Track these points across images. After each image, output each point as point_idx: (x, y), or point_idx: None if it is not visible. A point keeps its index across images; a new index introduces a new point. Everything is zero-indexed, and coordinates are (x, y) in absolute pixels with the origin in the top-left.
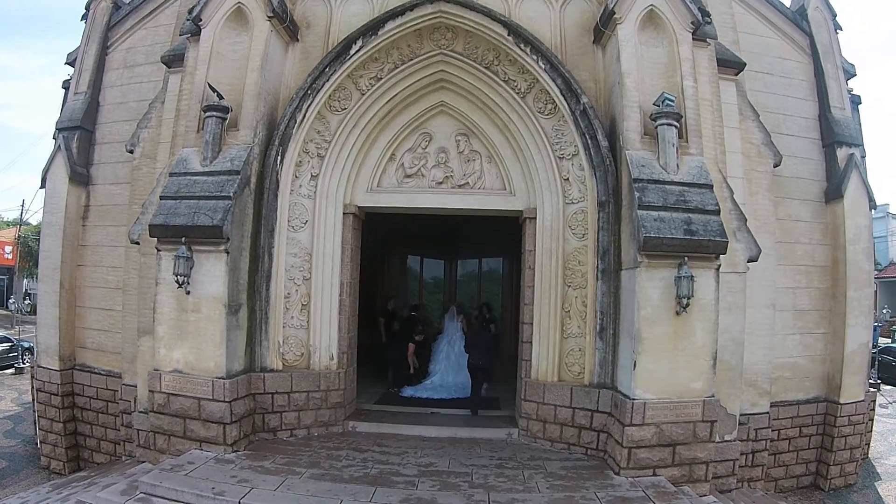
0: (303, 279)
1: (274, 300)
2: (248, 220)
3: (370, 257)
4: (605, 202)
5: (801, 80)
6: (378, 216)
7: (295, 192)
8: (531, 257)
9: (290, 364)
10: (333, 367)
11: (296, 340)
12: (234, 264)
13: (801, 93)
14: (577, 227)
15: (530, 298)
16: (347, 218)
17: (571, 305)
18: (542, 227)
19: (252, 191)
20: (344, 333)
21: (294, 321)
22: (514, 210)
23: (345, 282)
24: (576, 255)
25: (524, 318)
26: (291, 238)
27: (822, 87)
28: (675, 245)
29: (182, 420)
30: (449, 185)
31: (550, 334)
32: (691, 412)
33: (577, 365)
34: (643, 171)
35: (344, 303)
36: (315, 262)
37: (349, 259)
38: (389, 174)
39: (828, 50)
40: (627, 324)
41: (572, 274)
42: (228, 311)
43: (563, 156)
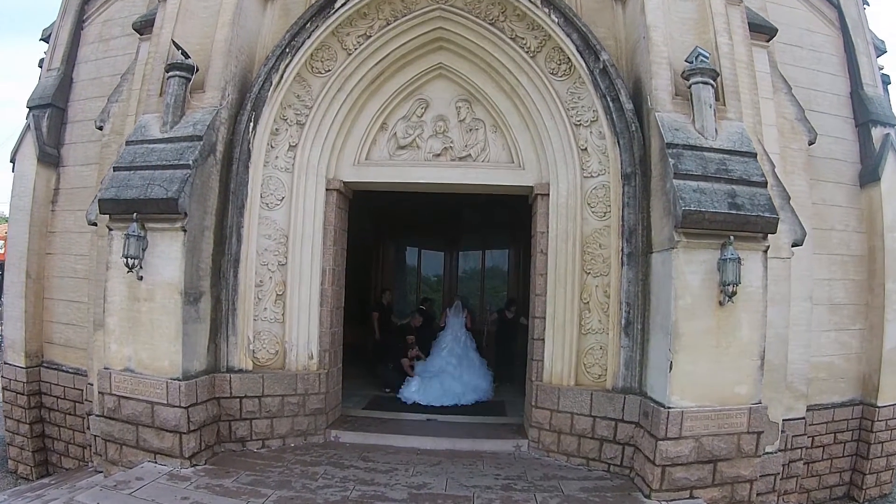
0: (278, 265)
1: (243, 289)
2: (212, 193)
3: (362, 247)
4: (631, 174)
5: (830, 55)
6: (368, 197)
7: (270, 165)
8: (543, 240)
9: (263, 363)
10: (313, 367)
11: (269, 336)
12: (194, 245)
13: (832, 68)
14: (597, 204)
15: (542, 288)
16: (331, 195)
17: (591, 296)
18: (557, 204)
19: (218, 161)
20: (326, 328)
21: (267, 314)
22: (523, 186)
23: (327, 269)
24: (596, 238)
25: (535, 312)
26: (265, 217)
27: (853, 62)
28: (719, 221)
29: (134, 427)
30: (448, 158)
31: (566, 330)
32: (735, 422)
33: (597, 366)
34: (677, 136)
35: (326, 293)
36: (292, 246)
37: (332, 242)
38: (380, 145)
39: (857, 24)
40: (661, 317)
41: (592, 259)
42: (185, 300)
43: (581, 122)
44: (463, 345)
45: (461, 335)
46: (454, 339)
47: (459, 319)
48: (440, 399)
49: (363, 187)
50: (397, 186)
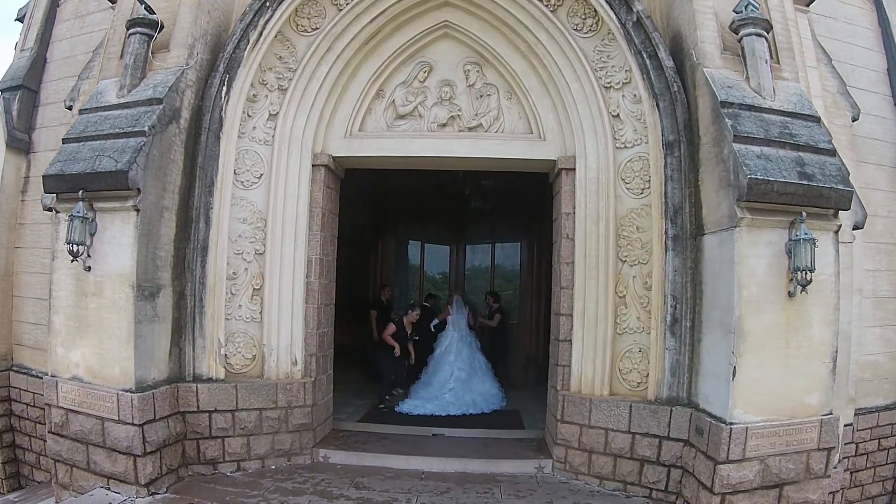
0: (254, 254)
1: (212, 282)
2: (174, 168)
3: (360, 240)
4: (674, 143)
5: (866, 28)
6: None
7: (246, 136)
8: (569, 223)
9: (237, 371)
10: (297, 374)
11: (244, 338)
12: (150, 228)
13: (868, 42)
14: (633, 179)
15: (569, 280)
16: (318, 171)
17: (627, 288)
18: (585, 180)
19: (182, 129)
20: (312, 329)
21: (242, 311)
22: (543, 159)
23: (314, 258)
24: (632, 219)
25: (559, 308)
26: (239, 197)
27: (889, 37)
28: (789, 194)
29: (84, 447)
30: (455, 128)
31: (599, 329)
32: (804, 437)
33: (635, 372)
34: (731, 94)
35: (312, 287)
36: (272, 231)
37: (320, 227)
38: (376, 115)
39: None
40: (718, 312)
41: (628, 245)
42: (139, 294)
43: (611, 85)
44: (469, 346)
45: (467, 335)
46: (461, 339)
47: (463, 317)
48: (447, 408)
49: (356, 164)
50: (396, 163)
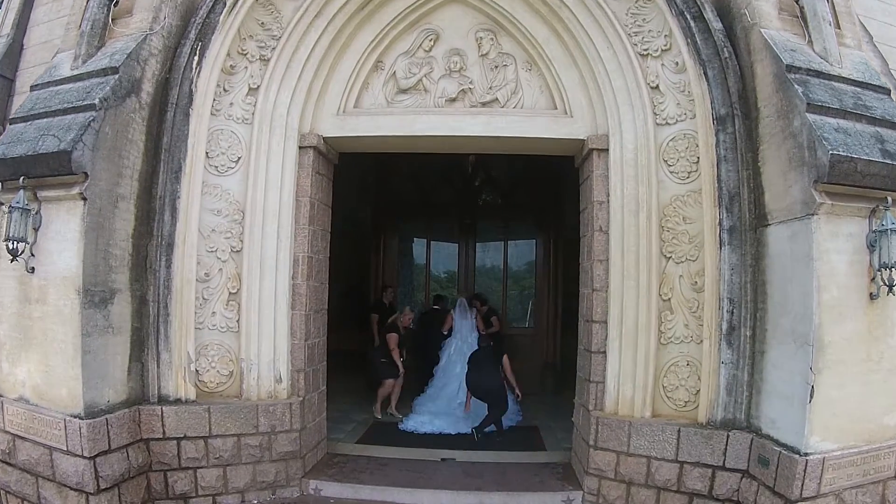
0: (230, 251)
1: (179, 285)
2: (132, 149)
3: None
4: (727, 117)
5: None
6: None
7: (221, 113)
8: (602, 213)
9: (211, 390)
10: (282, 394)
11: (219, 352)
12: (101, 221)
13: None
14: (677, 161)
15: (602, 281)
16: (306, 154)
17: (673, 290)
18: (621, 162)
19: (144, 104)
20: (300, 340)
21: (216, 320)
22: (570, 139)
23: (301, 257)
24: (678, 208)
25: (590, 313)
26: (213, 185)
27: None
28: (872, 175)
29: (34, 479)
30: (466, 104)
31: (640, 339)
32: (881, 465)
33: (682, 389)
34: (797, 58)
35: (299, 290)
36: (251, 225)
37: (308, 220)
38: (374, 89)
39: None
40: (789, 319)
41: (674, 238)
42: (87, 301)
43: (648, 52)
44: None
45: (474, 343)
46: (468, 348)
47: (468, 322)
48: (457, 425)
49: (351, 146)
50: (397, 144)
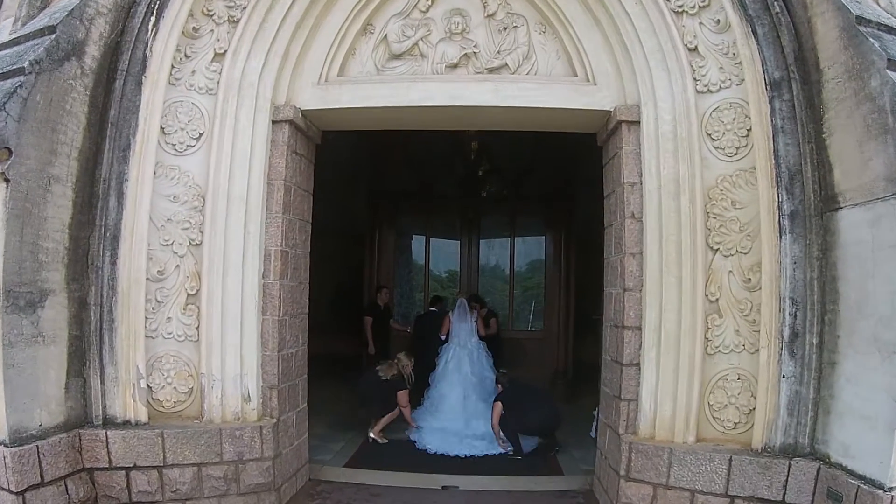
0: (189, 245)
1: (126, 285)
2: (71, 122)
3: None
4: (782, 81)
5: None
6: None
7: (182, 82)
8: (635, 197)
9: (168, 410)
10: (251, 415)
11: (176, 365)
12: (28, 207)
13: None
14: (723, 134)
15: (636, 278)
16: (280, 130)
17: (722, 289)
18: (657, 135)
19: (88, 71)
20: (273, 350)
21: (172, 327)
22: (594, 109)
23: (273, 251)
24: (726, 190)
25: (620, 318)
26: (169, 166)
27: None
28: None
29: None
30: (471, 70)
31: (683, 348)
32: None
33: (732, 408)
34: (865, 10)
35: (271, 290)
36: (213, 213)
37: (283, 209)
38: (362, 55)
39: None
40: (872, 322)
41: (721, 226)
42: (10, 305)
43: (684, 9)
44: (478, 364)
45: (475, 348)
46: (468, 353)
47: (468, 325)
48: (458, 445)
49: (335, 121)
50: (390, 117)
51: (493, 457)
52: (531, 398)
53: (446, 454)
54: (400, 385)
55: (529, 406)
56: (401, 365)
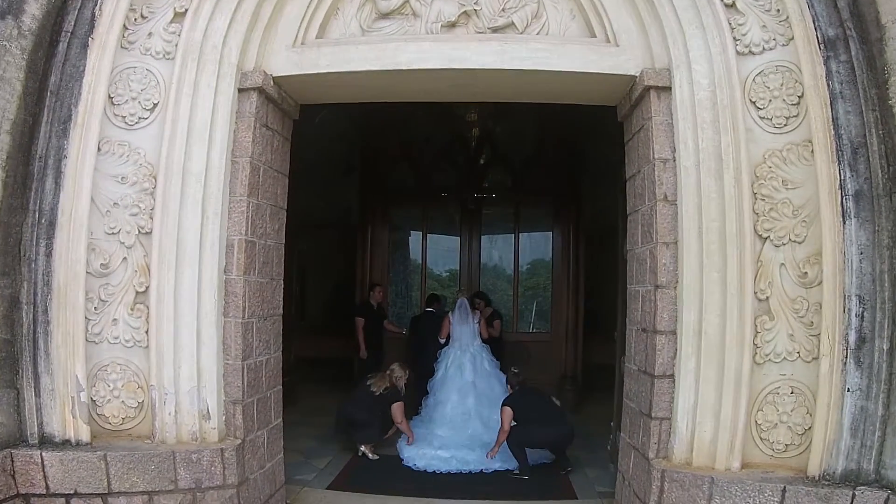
0: (138, 234)
1: (64, 280)
2: (3, 89)
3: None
4: (838, 40)
5: None
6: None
7: (136, 46)
8: (667, 175)
9: (114, 428)
10: (211, 435)
11: (123, 374)
12: None
13: None
14: (769, 102)
15: (670, 272)
16: (248, 100)
17: (773, 285)
18: (692, 103)
19: (27, 32)
20: (236, 358)
21: (118, 330)
22: (616, 74)
23: (238, 241)
24: (774, 167)
25: (650, 321)
26: (118, 141)
27: None
28: None
29: None
30: (471, 29)
31: (729, 357)
32: None
33: (783, 427)
34: None
35: (234, 287)
36: (165, 195)
37: (248, 191)
38: (345, 15)
39: None
40: None
41: (771, 210)
42: None
43: None
44: (482, 369)
45: (477, 354)
46: (471, 361)
47: (469, 327)
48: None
49: (313, 90)
50: (378, 85)
51: (495, 475)
52: (542, 408)
53: (438, 471)
54: (394, 397)
55: (540, 416)
56: (394, 377)
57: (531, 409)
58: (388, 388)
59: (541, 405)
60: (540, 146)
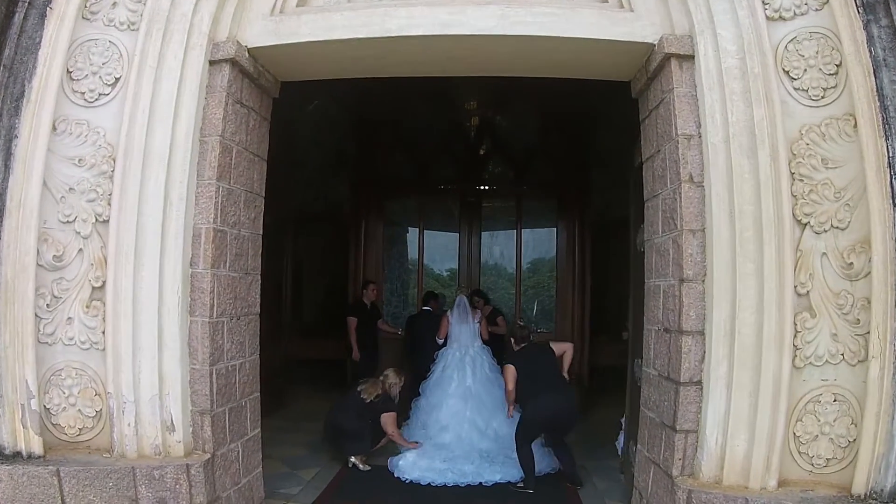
0: (94, 222)
1: (10, 275)
2: None
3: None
4: (876, 3)
5: None
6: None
7: (99, 17)
8: (692, 153)
9: (71, 439)
10: (176, 449)
11: (80, 380)
12: None
13: None
14: (804, 72)
15: (697, 263)
16: (219, 73)
17: (813, 277)
18: (719, 72)
19: None
20: (203, 363)
21: (73, 330)
22: (632, 41)
23: (205, 230)
24: (813, 144)
25: (674, 320)
26: (76, 120)
27: None
28: None
29: None
30: None
31: (765, 360)
32: None
33: (825, 440)
34: None
35: (201, 284)
36: (124, 178)
37: (217, 174)
38: None
39: None
40: None
41: (811, 192)
42: None
43: None
44: (481, 375)
45: (478, 356)
46: (471, 363)
47: (469, 326)
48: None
49: (293, 63)
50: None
51: (495, 487)
52: (549, 373)
53: (433, 483)
54: (386, 406)
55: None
56: (387, 383)
57: (538, 372)
58: (380, 395)
59: (548, 370)
60: (543, 135)
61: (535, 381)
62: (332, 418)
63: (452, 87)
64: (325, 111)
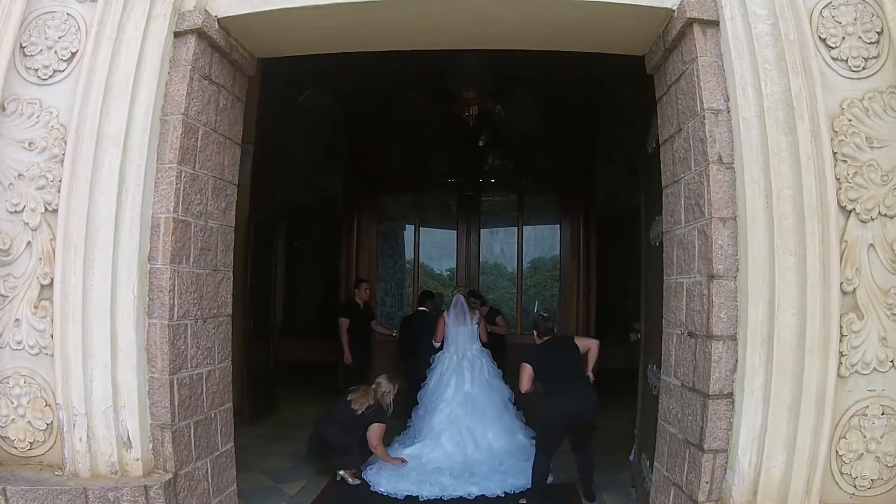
0: (43, 211)
1: None
2: None
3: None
4: None
5: None
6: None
7: None
8: (721, 130)
9: (20, 453)
10: (134, 468)
11: (29, 388)
12: None
13: None
14: (842, 40)
15: (728, 256)
16: (185, 45)
17: (860, 273)
18: (748, 39)
19: None
20: (163, 371)
21: (21, 333)
22: (647, 6)
23: (165, 220)
24: (855, 121)
25: (704, 322)
26: (27, 99)
27: None
28: None
29: None
30: None
31: (807, 368)
32: None
33: (871, 459)
34: None
35: (160, 281)
36: (75, 162)
37: (179, 157)
38: None
39: None
40: None
41: (856, 174)
42: None
43: None
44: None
45: (476, 359)
46: (469, 367)
47: (467, 328)
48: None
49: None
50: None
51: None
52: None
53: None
54: (377, 417)
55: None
56: (380, 392)
57: (559, 370)
58: (372, 406)
59: (571, 368)
60: (545, 126)
61: (556, 380)
62: (318, 429)
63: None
64: (317, 101)
